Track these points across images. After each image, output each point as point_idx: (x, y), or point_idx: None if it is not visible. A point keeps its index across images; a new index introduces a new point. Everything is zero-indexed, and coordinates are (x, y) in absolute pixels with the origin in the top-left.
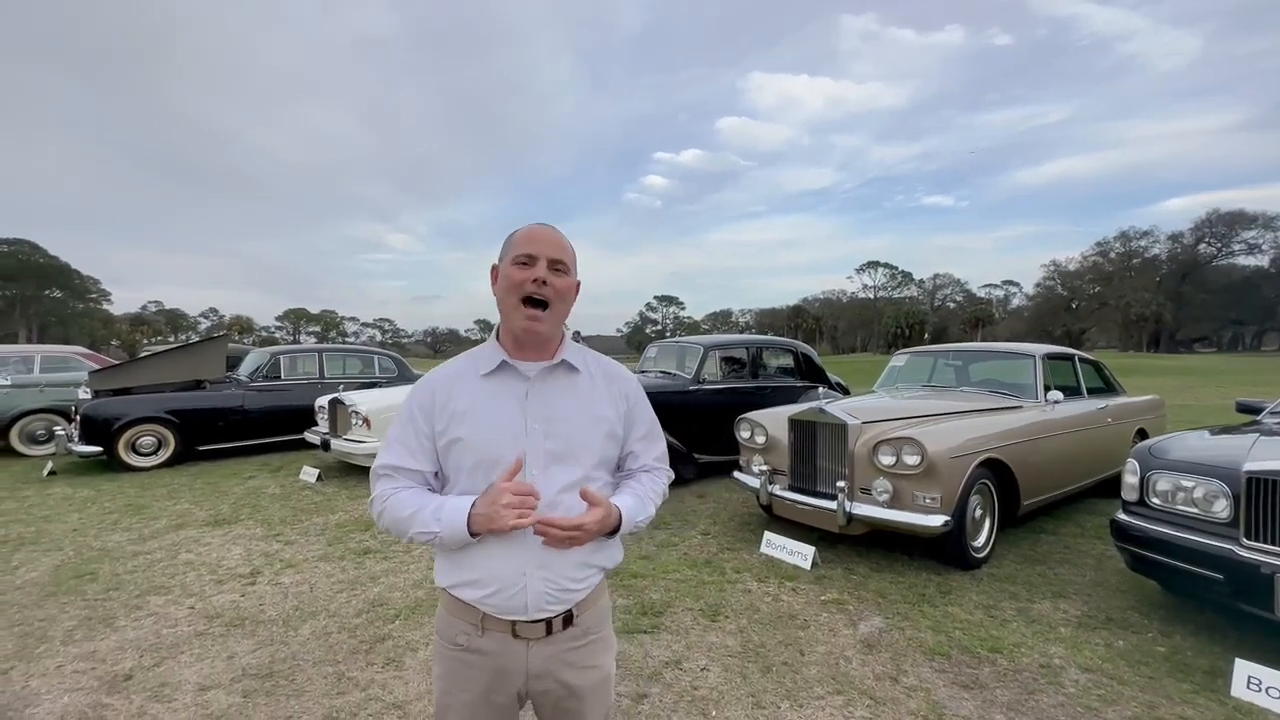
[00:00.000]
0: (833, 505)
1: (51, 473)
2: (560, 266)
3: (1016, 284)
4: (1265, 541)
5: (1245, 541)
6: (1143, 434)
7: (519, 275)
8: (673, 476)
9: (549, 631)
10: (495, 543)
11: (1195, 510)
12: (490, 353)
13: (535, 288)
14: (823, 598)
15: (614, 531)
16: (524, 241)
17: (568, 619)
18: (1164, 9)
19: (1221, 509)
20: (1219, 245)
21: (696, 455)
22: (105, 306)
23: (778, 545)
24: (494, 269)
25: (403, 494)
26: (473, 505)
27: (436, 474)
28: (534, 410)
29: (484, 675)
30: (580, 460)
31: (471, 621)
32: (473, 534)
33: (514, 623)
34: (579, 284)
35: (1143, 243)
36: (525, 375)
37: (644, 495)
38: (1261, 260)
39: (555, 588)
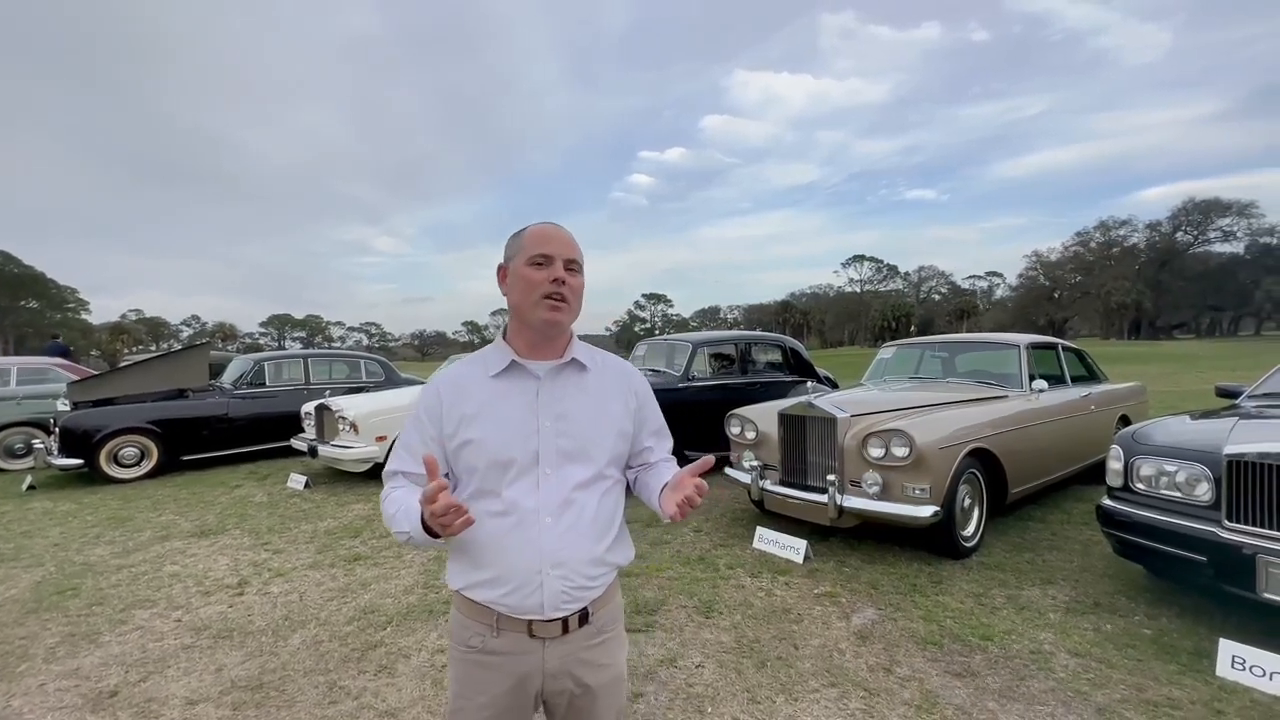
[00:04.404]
0: (824, 499)
1: (31, 487)
2: (574, 266)
3: (1000, 275)
4: (1246, 523)
5: (1227, 523)
6: (1125, 420)
7: (537, 276)
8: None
9: (565, 630)
10: (510, 541)
11: (1178, 494)
12: (499, 353)
13: (554, 287)
14: (815, 591)
15: None
16: (538, 241)
17: (583, 617)
18: (1133, 2)
19: (1203, 492)
20: (1195, 233)
21: (687, 452)
22: (84, 316)
23: (770, 540)
24: (501, 269)
25: (395, 493)
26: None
27: (447, 475)
28: (545, 409)
29: (499, 677)
30: (593, 458)
31: (486, 623)
32: (433, 535)
33: (530, 622)
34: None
35: (1122, 232)
36: (535, 374)
37: None
38: (1237, 247)
39: (571, 585)
